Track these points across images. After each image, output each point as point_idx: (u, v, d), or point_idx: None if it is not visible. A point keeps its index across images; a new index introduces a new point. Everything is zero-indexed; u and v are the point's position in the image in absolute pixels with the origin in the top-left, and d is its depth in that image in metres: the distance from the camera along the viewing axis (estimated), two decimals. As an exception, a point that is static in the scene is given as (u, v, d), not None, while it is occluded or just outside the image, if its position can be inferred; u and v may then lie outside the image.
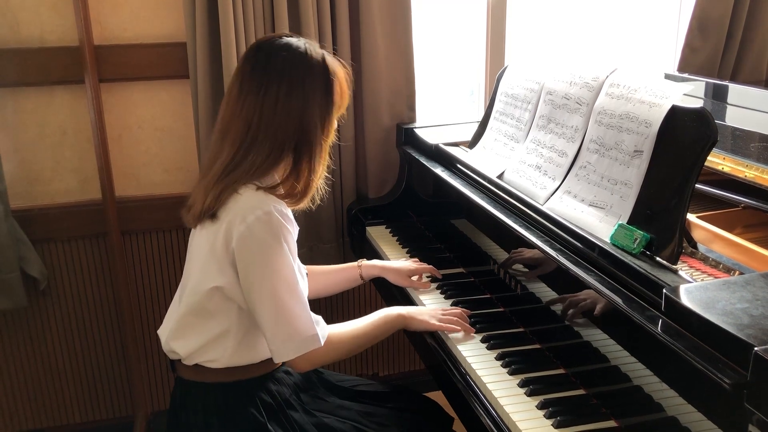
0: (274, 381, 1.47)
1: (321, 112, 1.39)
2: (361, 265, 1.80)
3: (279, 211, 1.34)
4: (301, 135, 1.38)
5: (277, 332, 1.35)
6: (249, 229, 1.32)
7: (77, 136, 2.16)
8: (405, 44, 2.21)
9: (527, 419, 1.23)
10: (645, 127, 1.33)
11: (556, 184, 1.53)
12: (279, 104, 1.35)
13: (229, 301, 1.39)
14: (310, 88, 1.37)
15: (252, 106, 1.36)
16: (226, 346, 1.41)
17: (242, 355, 1.42)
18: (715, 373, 0.94)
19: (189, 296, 1.42)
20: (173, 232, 2.29)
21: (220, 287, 1.37)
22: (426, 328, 1.54)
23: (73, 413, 2.38)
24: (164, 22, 2.13)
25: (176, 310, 1.48)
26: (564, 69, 1.64)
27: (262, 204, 1.33)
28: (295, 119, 1.36)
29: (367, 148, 2.26)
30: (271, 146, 1.36)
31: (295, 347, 1.36)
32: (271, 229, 1.32)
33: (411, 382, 2.60)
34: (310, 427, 1.44)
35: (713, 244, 1.35)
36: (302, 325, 1.36)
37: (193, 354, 1.42)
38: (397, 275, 1.78)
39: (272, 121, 1.36)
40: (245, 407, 1.41)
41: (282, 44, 1.39)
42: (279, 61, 1.37)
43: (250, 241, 1.32)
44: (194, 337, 1.42)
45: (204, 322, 1.41)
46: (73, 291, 2.27)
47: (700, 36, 2.45)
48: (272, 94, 1.35)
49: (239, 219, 1.32)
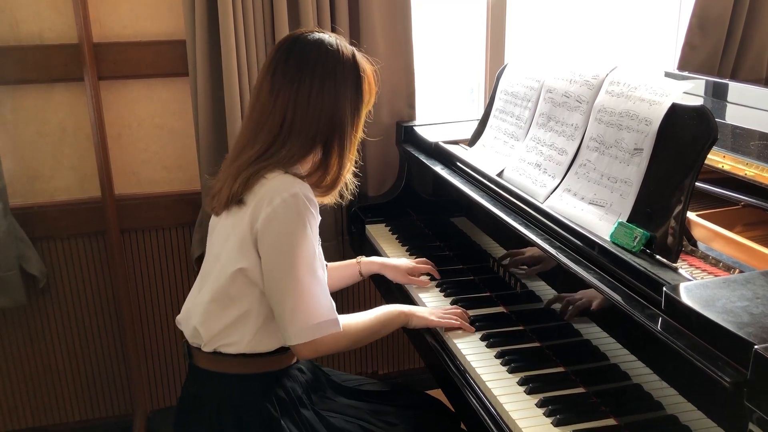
0: (289, 377, 1.48)
1: (351, 107, 1.43)
2: (360, 262, 1.80)
3: (305, 195, 1.35)
4: (333, 129, 1.41)
5: (296, 314, 1.35)
6: (275, 211, 1.33)
7: (77, 133, 2.16)
8: (405, 42, 2.21)
9: (527, 417, 1.23)
10: (645, 125, 1.33)
11: (556, 182, 1.53)
12: (312, 98, 1.38)
13: (251, 285, 1.40)
14: (342, 83, 1.40)
15: (286, 99, 1.38)
16: (246, 330, 1.41)
17: (261, 341, 1.43)
18: (715, 372, 0.94)
19: (214, 281, 1.43)
20: (173, 230, 2.28)
21: (243, 269, 1.38)
22: (426, 324, 1.54)
23: (73, 411, 2.38)
24: (164, 20, 2.13)
25: (196, 297, 1.48)
26: (564, 67, 1.63)
27: (290, 186, 1.35)
28: (328, 113, 1.39)
29: (366, 146, 2.25)
30: (305, 138, 1.39)
31: (313, 330, 1.36)
32: (297, 212, 1.34)
33: (411, 380, 2.60)
34: (319, 426, 1.44)
35: (713, 243, 1.35)
36: (322, 307, 1.37)
37: (214, 338, 1.43)
38: (396, 272, 1.78)
39: (306, 114, 1.38)
40: (260, 401, 1.41)
41: (315, 39, 1.42)
42: (312, 56, 1.40)
43: (275, 222, 1.34)
44: (217, 321, 1.42)
45: (227, 306, 1.42)
46: (73, 289, 2.27)
47: (700, 34, 2.45)
48: (306, 88, 1.38)
49: (266, 201, 1.34)
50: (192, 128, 2.17)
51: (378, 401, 1.60)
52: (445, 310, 1.57)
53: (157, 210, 2.24)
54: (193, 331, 1.46)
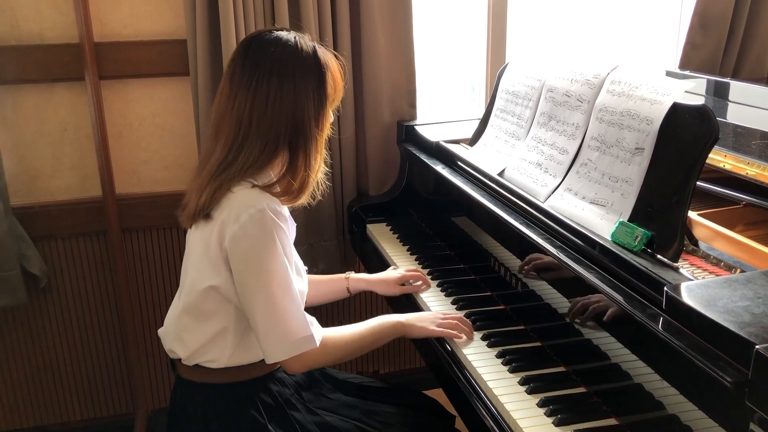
0: (275, 381, 1.46)
1: (314, 104, 1.37)
2: (348, 278, 1.76)
3: (273, 210, 1.32)
4: (295, 129, 1.36)
5: (270, 332, 1.33)
6: (242, 228, 1.30)
7: (77, 133, 2.15)
8: (405, 41, 2.20)
9: (528, 417, 1.23)
10: (646, 124, 1.33)
11: (557, 182, 1.52)
12: (270, 99, 1.34)
13: (225, 301, 1.38)
14: (302, 80, 1.35)
15: (243, 102, 1.34)
16: (225, 345, 1.40)
17: (241, 355, 1.42)
18: (716, 372, 0.94)
19: (186, 296, 1.42)
20: (174, 230, 2.28)
21: (215, 287, 1.36)
22: (426, 334, 1.51)
23: (74, 410, 2.38)
24: (164, 19, 2.13)
25: (175, 310, 1.47)
26: (565, 66, 1.63)
27: (256, 202, 1.31)
28: (288, 113, 1.34)
29: (367, 146, 2.25)
30: (263, 141, 1.34)
31: (289, 348, 1.34)
32: (264, 228, 1.31)
33: (411, 379, 2.60)
34: (312, 426, 1.43)
35: (714, 242, 1.35)
36: (296, 325, 1.34)
37: (193, 354, 1.42)
38: (386, 286, 1.75)
39: (264, 116, 1.34)
40: (245, 408, 1.41)
41: (271, 38, 1.38)
42: (269, 56, 1.35)
43: (243, 240, 1.31)
44: (193, 337, 1.41)
45: (202, 322, 1.40)
46: (74, 288, 2.27)
47: (702, 33, 2.44)
48: (263, 88, 1.33)
49: (233, 218, 1.31)
50: (193, 127, 2.17)
51: (374, 399, 1.59)
52: (445, 315, 1.55)
53: (158, 209, 2.23)
54: (170, 346, 1.46)
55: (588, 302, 1.30)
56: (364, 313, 2.52)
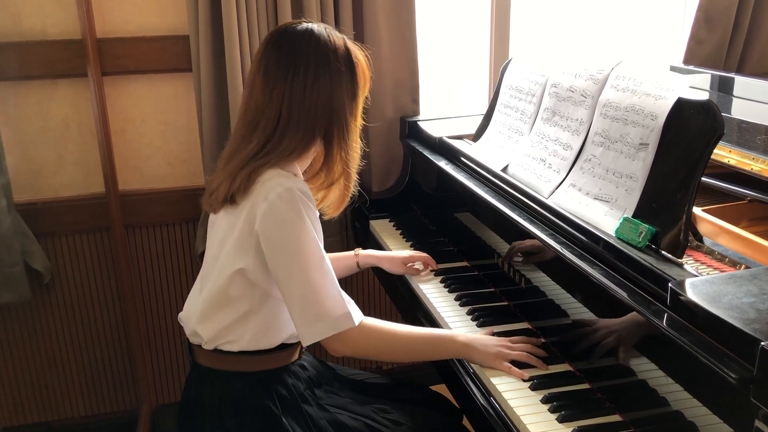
0: (290, 374, 1.47)
1: (348, 94, 1.40)
2: (358, 254, 1.81)
3: (300, 189, 1.34)
4: (330, 118, 1.39)
5: (307, 311, 1.32)
6: (271, 207, 1.32)
7: (80, 129, 2.15)
8: (409, 36, 2.20)
9: (531, 413, 1.23)
10: (650, 119, 1.32)
11: (561, 178, 1.52)
12: (307, 88, 1.36)
13: (251, 285, 1.39)
14: (336, 71, 1.38)
15: (281, 93, 1.36)
16: (247, 328, 1.41)
17: (260, 340, 1.42)
18: (720, 368, 0.93)
19: (213, 282, 1.42)
20: (177, 226, 2.28)
21: (242, 269, 1.37)
22: (492, 366, 1.37)
23: (78, 406, 2.39)
24: (167, 15, 2.12)
25: (198, 297, 1.48)
26: (569, 61, 1.63)
27: (283, 182, 1.33)
28: (325, 103, 1.37)
29: (370, 141, 2.25)
30: (303, 131, 1.37)
31: (326, 327, 1.32)
32: (293, 205, 1.32)
33: (415, 375, 2.60)
34: (323, 422, 1.44)
35: (719, 238, 1.35)
36: (332, 303, 1.33)
37: (214, 337, 1.42)
38: (392, 263, 1.79)
39: (303, 106, 1.36)
40: (261, 399, 1.41)
41: (304, 30, 1.40)
42: (303, 47, 1.38)
43: (273, 219, 1.32)
44: (217, 321, 1.42)
45: (225, 307, 1.41)
46: (77, 284, 2.27)
47: (706, 27, 2.43)
48: (300, 78, 1.36)
49: (261, 198, 1.33)
50: (195, 124, 2.17)
51: (381, 396, 1.59)
52: (512, 341, 1.42)
53: (161, 205, 2.24)
54: (193, 330, 1.46)
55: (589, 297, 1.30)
56: (362, 306, 2.52)
